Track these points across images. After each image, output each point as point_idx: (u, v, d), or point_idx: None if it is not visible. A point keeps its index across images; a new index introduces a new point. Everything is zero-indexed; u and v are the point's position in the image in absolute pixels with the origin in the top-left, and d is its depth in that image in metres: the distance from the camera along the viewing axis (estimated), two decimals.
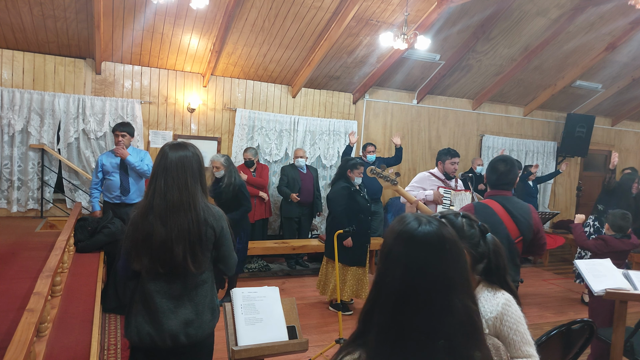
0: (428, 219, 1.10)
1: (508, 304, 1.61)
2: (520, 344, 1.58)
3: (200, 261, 2.03)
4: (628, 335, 3.13)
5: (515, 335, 1.58)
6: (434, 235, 1.06)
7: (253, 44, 6.20)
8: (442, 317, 1.02)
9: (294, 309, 2.40)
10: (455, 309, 1.02)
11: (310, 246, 6.19)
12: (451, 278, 1.04)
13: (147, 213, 2.00)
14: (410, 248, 1.06)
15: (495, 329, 1.60)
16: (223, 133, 6.90)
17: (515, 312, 1.61)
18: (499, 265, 1.66)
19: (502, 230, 2.71)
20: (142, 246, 1.99)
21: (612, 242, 3.91)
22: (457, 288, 1.04)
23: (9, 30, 5.45)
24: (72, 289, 3.45)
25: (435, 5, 5.89)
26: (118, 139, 4.73)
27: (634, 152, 10.62)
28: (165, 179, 2.01)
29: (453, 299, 1.03)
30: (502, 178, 2.85)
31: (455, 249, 1.07)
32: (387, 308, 1.04)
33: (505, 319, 1.59)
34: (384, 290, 1.07)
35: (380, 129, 7.97)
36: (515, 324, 1.59)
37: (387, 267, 1.08)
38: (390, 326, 1.03)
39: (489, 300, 1.64)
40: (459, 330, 1.02)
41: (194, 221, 2.00)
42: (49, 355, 2.44)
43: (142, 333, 2.01)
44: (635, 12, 6.59)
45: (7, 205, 5.89)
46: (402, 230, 1.08)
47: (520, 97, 8.84)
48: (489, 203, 2.80)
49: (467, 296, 1.06)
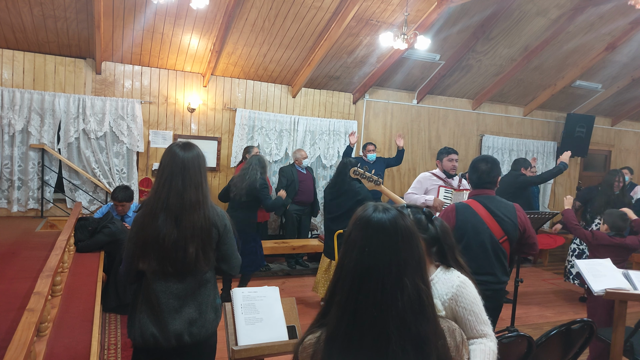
0: (385, 207, 1.19)
1: (462, 286, 1.66)
2: (475, 324, 1.63)
3: (209, 259, 2.07)
4: (628, 335, 3.13)
5: (470, 315, 1.63)
6: (387, 221, 1.15)
7: (253, 44, 6.21)
8: (394, 295, 1.10)
9: (294, 309, 2.40)
10: (405, 288, 1.11)
11: (310, 246, 6.19)
12: (403, 260, 1.13)
13: (157, 213, 2.00)
14: (365, 232, 1.15)
15: (452, 310, 1.65)
16: (223, 133, 6.90)
17: (470, 293, 1.65)
18: (448, 244, 1.74)
19: (484, 230, 2.71)
20: (151, 246, 1.99)
21: (601, 236, 3.94)
22: (407, 269, 1.13)
23: (9, 30, 5.45)
24: (72, 288, 3.45)
25: (435, 5, 5.90)
26: (118, 209, 4.80)
27: (633, 152, 10.62)
28: (183, 178, 2.02)
29: (403, 279, 1.11)
30: (483, 177, 2.85)
31: (407, 234, 1.16)
32: (345, 287, 1.13)
33: (460, 300, 1.64)
34: (343, 271, 1.15)
35: (380, 129, 7.97)
36: (470, 305, 1.64)
37: (346, 250, 1.17)
38: (347, 303, 1.12)
39: (445, 283, 1.69)
40: (408, 307, 1.10)
41: (206, 220, 2.03)
42: (49, 354, 2.44)
43: (146, 334, 2.01)
44: (635, 12, 6.60)
45: (7, 205, 5.89)
46: (360, 216, 1.19)
47: (520, 97, 8.84)
48: (471, 203, 2.80)
49: (418, 276, 1.14)
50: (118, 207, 4.79)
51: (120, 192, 4.80)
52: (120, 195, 4.78)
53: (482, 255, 2.70)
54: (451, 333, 1.28)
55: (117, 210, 4.79)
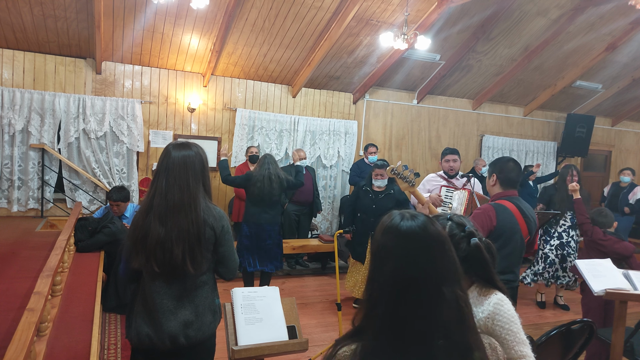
0: (413, 214, 1.16)
1: (500, 304, 1.60)
2: (514, 344, 1.56)
3: (200, 262, 2.01)
4: (628, 335, 3.13)
5: (507, 334, 1.57)
6: (417, 228, 1.12)
7: (253, 43, 6.20)
8: (433, 306, 1.07)
9: (294, 309, 2.40)
10: (444, 297, 1.08)
11: (310, 246, 6.19)
12: (439, 268, 1.10)
13: (147, 212, 2.00)
14: (396, 242, 1.12)
15: (488, 328, 1.59)
16: (223, 133, 6.90)
17: (507, 311, 1.59)
18: (482, 269, 1.66)
19: (517, 230, 2.77)
20: (140, 244, 1.98)
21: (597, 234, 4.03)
22: (445, 277, 1.10)
23: (10, 30, 5.45)
24: (72, 288, 3.45)
25: (435, 5, 5.89)
26: (113, 209, 4.80)
27: (634, 152, 10.62)
28: (167, 178, 1.99)
29: (442, 288, 1.08)
30: (512, 177, 2.88)
31: (440, 240, 1.13)
32: (383, 300, 1.09)
33: (497, 318, 1.58)
34: (379, 283, 1.11)
35: (380, 129, 7.97)
36: (508, 323, 1.57)
37: (379, 261, 1.14)
38: (387, 316, 1.08)
39: (481, 301, 1.63)
40: (450, 317, 1.07)
41: (193, 222, 1.97)
42: (49, 354, 2.43)
43: (141, 334, 2.00)
44: (635, 12, 6.59)
45: (7, 204, 5.89)
46: (388, 226, 1.15)
47: (520, 97, 8.84)
48: (506, 204, 2.82)
49: (455, 284, 1.11)
50: (113, 207, 4.79)
51: (115, 192, 4.80)
52: (115, 195, 4.78)
53: (513, 254, 2.77)
54: (493, 350, 1.24)
55: (113, 211, 4.78)
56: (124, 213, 4.86)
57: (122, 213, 4.84)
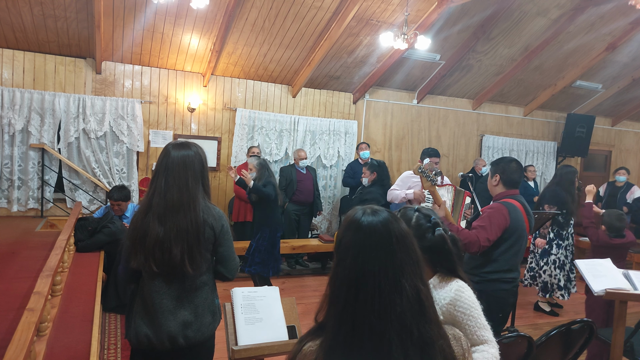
0: (374, 209, 1.17)
1: (461, 290, 1.66)
2: (475, 329, 1.62)
3: (199, 263, 2.00)
4: (628, 335, 3.13)
5: (469, 320, 1.62)
6: (377, 223, 1.13)
7: (253, 43, 6.20)
8: (392, 299, 1.07)
9: (294, 309, 2.39)
10: (403, 290, 1.08)
11: (310, 246, 6.18)
12: (399, 262, 1.10)
13: (146, 212, 1.99)
14: (357, 236, 1.12)
15: (450, 314, 1.64)
16: (223, 133, 6.90)
17: (468, 297, 1.64)
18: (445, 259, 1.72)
19: (524, 228, 2.84)
20: (139, 244, 1.97)
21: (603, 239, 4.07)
22: (405, 271, 1.10)
23: (10, 30, 5.45)
24: (72, 288, 3.44)
25: (435, 5, 5.89)
26: (114, 208, 4.80)
27: (634, 152, 10.62)
28: (166, 178, 1.99)
29: (401, 281, 1.09)
30: (515, 177, 2.93)
31: (401, 235, 1.13)
32: (342, 296, 1.10)
33: (458, 304, 1.63)
34: (338, 279, 1.12)
35: (380, 129, 7.97)
36: (469, 309, 1.62)
37: (339, 257, 1.14)
38: (344, 313, 1.09)
39: (443, 288, 1.68)
40: (408, 309, 1.08)
41: (192, 222, 1.97)
42: (49, 354, 2.43)
43: (140, 335, 1.99)
44: (635, 12, 6.59)
45: (7, 204, 5.89)
46: (350, 221, 1.16)
47: (521, 97, 8.84)
48: (515, 204, 2.87)
49: (416, 278, 1.11)
50: (114, 207, 4.79)
51: (116, 191, 4.81)
52: (116, 194, 4.79)
53: (520, 253, 2.83)
54: (457, 340, 1.25)
55: (114, 210, 4.79)
56: (125, 213, 4.87)
57: (123, 212, 4.85)
